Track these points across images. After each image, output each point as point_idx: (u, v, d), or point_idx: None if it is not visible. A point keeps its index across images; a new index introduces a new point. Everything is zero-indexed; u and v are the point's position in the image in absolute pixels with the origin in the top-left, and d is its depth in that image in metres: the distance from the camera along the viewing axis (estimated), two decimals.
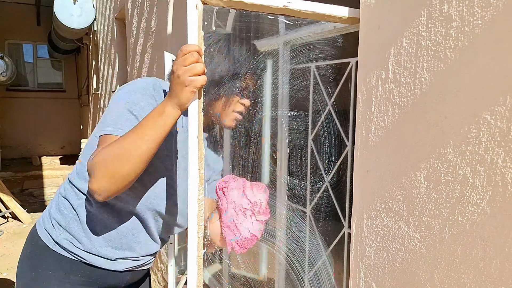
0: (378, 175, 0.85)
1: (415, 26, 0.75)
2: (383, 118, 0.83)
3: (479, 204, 0.65)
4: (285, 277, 1.62)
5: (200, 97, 0.80)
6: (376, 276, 0.87)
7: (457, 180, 0.68)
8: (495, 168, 0.62)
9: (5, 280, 3.12)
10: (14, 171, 7.60)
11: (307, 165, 1.42)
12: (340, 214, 1.30)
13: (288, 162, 1.56)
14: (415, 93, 0.76)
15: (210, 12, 1.97)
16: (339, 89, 1.29)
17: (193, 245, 0.79)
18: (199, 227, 0.78)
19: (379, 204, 0.85)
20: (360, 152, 0.91)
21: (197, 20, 0.76)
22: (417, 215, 0.76)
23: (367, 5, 0.87)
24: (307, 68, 1.38)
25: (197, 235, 0.78)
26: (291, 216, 1.58)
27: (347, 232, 1.28)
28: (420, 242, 0.76)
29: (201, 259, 0.80)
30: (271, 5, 0.83)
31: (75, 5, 5.77)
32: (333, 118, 1.30)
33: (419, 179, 0.75)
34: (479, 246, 0.65)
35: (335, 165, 1.30)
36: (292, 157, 1.60)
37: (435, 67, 0.71)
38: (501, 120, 0.61)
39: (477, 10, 0.64)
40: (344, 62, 1.22)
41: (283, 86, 1.47)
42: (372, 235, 0.88)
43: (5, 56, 8.18)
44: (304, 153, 1.45)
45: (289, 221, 1.59)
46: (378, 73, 0.84)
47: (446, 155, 0.70)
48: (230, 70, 0.95)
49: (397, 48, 0.79)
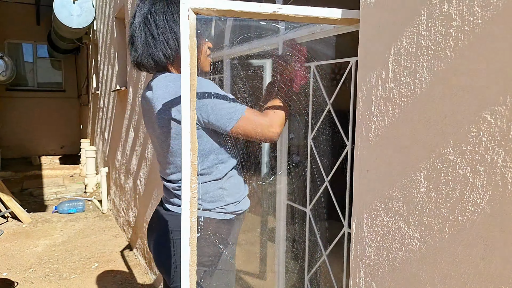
0: (378, 175, 0.85)
1: (415, 26, 0.75)
2: (383, 118, 0.83)
3: (479, 204, 0.65)
4: (285, 276, 1.62)
5: (194, 94, 0.83)
6: (376, 276, 0.87)
7: (457, 180, 0.68)
8: (495, 167, 0.62)
9: (5, 280, 3.12)
10: (14, 171, 7.60)
11: (306, 164, 1.42)
12: (340, 214, 1.30)
13: (288, 161, 1.55)
14: (415, 93, 0.75)
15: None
16: (339, 89, 1.29)
17: (186, 230, 0.85)
18: (191, 212, 0.85)
19: (379, 204, 0.85)
20: (360, 151, 0.91)
21: (189, 29, 0.80)
22: (417, 214, 0.76)
23: (367, 5, 0.87)
24: (306, 68, 1.38)
25: (189, 219, 0.85)
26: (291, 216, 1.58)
27: (347, 232, 1.28)
28: (420, 242, 0.76)
29: (194, 241, 0.86)
30: (261, 12, 0.84)
31: (75, 4, 5.76)
32: (333, 117, 1.30)
33: (419, 178, 0.75)
34: (479, 245, 0.65)
35: (335, 164, 1.30)
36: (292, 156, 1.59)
37: (435, 67, 0.71)
38: (501, 119, 0.61)
39: (477, 9, 0.64)
40: (344, 61, 1.22)
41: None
42: (372, 235, 0.88)
43: (5, 55, 8.18)
44: (304, 152, 1.45)
45: (288, 221, 1.59)
46: (378, 72, 0.84)
47: (446, 155, 0.70)
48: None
49: (397, 48, 0.79)
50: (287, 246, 1.60)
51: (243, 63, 1.94)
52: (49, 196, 5.92)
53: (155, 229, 1.35)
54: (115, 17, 4.19)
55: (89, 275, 3.21)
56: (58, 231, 4.33)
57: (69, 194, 6.05)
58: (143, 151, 3.21)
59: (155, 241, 1.33)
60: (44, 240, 4.05)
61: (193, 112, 0.83)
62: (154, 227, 1.37)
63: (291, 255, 1.62)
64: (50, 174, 7.60)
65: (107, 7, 4.67)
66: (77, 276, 3.21)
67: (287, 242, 1.60)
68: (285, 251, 1.60)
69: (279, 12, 0.84)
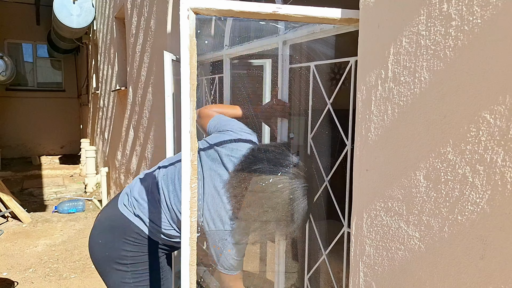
0: (377, 174, 0.85)
1: (414, 25, 0.75)
2: (382, 117, 0.83)
3: (479, 203, 0.65)
4: (285, 276, 1.62)
5: (193, 94, 0.83)
6: (375, 275, 0.87)
7: (457, 179, 0.68)
8: (494, 167, 0.62)
9: (5, 280, 3.12)
10: (14, 171, 7.59)
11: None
12: (339, 213, 1.30)
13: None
14: (414, 92, 0.76)
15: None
16: (338, 88, 1.29)
17: (186, 229, 0.85)
18: (191, 212, 0.85)
19: (378, 203, 0.85)
20: (359, 151, 0.91)
21: (189, 29, 0.81)
22: (416, 214, 0.76)
23: (367, 4, 0.87)
24: (306, 67, 1.38)
25: (189, 219, 0.85)
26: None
27: (347, 231, 1.28)
28: (419, 241, 0.76)
29: (194, 241, 0.86)
30: (261, 11, 0.84)
31: (75, 4, 5.76)
32: (333, 117, 1.30)
33: (419, 178, 0.75)
34: (478, 245, 0.65)
35: (335, 164, 1.30)
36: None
37: (434, 66, 0.71)
38: (500, 119, 0.61)
39: (477, 9, 0.64)
40: (343, 61, 1.22)
41: (283, 85, 1.47)
42: (372, 234, 0.88)
43: (5, 55, 8.17)
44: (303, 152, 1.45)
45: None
46: (377, 72, 0.84)
47: (445, 154, 0.70)
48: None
49: (397, 47, 0.79)
50: (287, 246, 1.60)
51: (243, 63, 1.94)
52: (49, 196, 5.92)
53: (120, 231, 1.35)
54: (115, 17, 4.19)
55: (89, 275, 3.21)
56: (58, 231, 4.33)
57: (69, 194, 6.05)
58: (143, 151, 3.21)
59: (114, 240, 1.34)
60: (44, 240, 4.05)
61: (193, 112, 0.83)
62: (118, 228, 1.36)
63: (291, 255, 1.62)
64: (50, 174, 7.60)
65: (107, 7, 4.67)
66: (77, 276, 3.21)
67: (287, 242, 1.60)
68: (285, 250, 1.60)
69: (279, 12, 0.84)
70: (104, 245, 1.34)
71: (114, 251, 1.32)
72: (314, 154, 1.36)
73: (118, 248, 1.32)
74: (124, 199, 1.39)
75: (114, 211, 1.37)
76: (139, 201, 1.35)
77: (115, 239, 1.33)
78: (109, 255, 1.33)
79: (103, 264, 1.34)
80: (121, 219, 1.34)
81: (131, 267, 1.32)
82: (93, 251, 1.37)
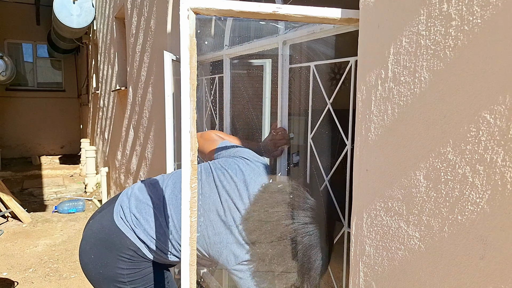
0: (377, 174, 0.85)
1: (414, 25, 0.75)
2: (382, 117, 0.83)
3: (479, 203, 0.65)
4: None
5: (193, 94, 0.83)
6: (375, 275, 0.87)
7: (457, 179, 0.68)
8: (494, 167, 0.62)
9: (5, 280, 3.12)
10: (14, 171, 7.60)
11: (306, 163, 1.42)
12: (339, 213, 1.30)
13: (287, 161, 1.55)
14: (414, 92, 0.76)
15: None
16: (338, 88, 1.29)
17: (186, 229, 0.85)
18: (191, 212, 0.85)
19: (378, 203, 0.85)
20: (359, 151, 0.91)
21: (189, 29, 0.80)
22: (416, 214, 0.76)
23: (367, 4, 0.87)
24: (306, 67, 1.38)
25: (189, 219, 0.85)
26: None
27: (347, 231, 1.28)
28: (419, 241, 0.76)
29: (194, 241, 0.86)
30: (261, 11, 0.84)
31: (75, 4, 5.76)
32: (333, 117, 1.30)
33: (419, 178, 0.75)
34: (478, 245, 0.65)
35: (335, 164, 1.30)
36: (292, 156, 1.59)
37: (434, 66, 0.71)
38: (500, 119, 0.61)
39: (477, 9, 0.64)
40: (343, 61, 1.22)
41: (283, 85, 1.47)
42: (372, 234, 0.88)
43: (5, 55, 8.17)
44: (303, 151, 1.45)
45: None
46: (377, 72, 0.84)
47: (445, 154, 0.70)
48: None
49: (397, 47, 0.79)
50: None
51: (243, 63, 1.94)
52: (49, 196, 5.92)
53: (116, 244, 1.27)
54: (115, 17, 4.19)
55: None
56: (58, 231, 4.33)
57: (69, 194, 6.05)
58: (143, 151, 3.21)
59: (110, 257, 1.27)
60: (44, 240, 4.05)
61: (193, 112, 0.83)
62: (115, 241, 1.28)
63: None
64: (50, 174, 7.60)
65: (107, 7, 4.67)
66: (77, 276, 3.21)
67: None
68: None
69: (279, 12, 0.84)
70: (97, 260, 1.27)
71: (109, 269, 1.25)
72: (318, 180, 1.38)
73: (112, 266, 1.25)
74: (121, 212, 1.30)
75: (109, 224, 1.29)
76: (140, 220, 1.27)
77: (108, 255, 1.26)
78: (104, 273, 1.26)
79: (100, 283, 1.29)
80: (116, 233, 1.26)
81: (129, 284, 1.26)
82: (87, 269, 1.30)
